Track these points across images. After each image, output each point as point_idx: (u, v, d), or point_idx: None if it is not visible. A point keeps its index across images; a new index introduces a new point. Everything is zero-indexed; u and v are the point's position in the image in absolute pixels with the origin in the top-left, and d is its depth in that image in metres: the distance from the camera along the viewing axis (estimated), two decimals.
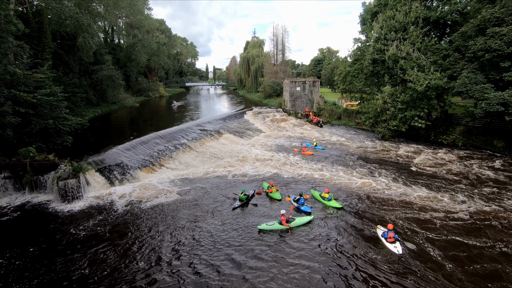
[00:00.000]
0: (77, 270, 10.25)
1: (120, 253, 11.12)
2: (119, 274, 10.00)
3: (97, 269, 10.27)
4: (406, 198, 15.22)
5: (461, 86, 21.56)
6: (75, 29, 34.00)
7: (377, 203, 14.84)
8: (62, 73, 33.51)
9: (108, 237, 12.24)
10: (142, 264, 10.45)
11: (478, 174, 18.39)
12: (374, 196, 15.65)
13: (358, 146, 26.31)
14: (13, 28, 18.68)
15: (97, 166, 17.92)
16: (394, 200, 15.05)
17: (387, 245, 11.20)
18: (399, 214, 13.59)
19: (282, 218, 12.42)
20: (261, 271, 9.98)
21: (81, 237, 12.34)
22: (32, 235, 12.52)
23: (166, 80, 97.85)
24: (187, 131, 27.58)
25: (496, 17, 20.11)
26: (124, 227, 13.07)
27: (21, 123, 17.83)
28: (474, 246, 11.10)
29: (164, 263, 10.49)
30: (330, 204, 14.61)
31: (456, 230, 12.15)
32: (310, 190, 16.38)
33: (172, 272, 10.01)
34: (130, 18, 63.18)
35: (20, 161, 16.49)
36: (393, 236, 11.27)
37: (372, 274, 9.82)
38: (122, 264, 10.50)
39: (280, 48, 67.54)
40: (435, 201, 14.78)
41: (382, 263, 10.37)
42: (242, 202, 15.01)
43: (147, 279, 9.71)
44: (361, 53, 32.96)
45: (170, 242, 11.83)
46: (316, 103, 40.99)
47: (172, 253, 11.05)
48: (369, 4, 34.86)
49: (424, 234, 11.96)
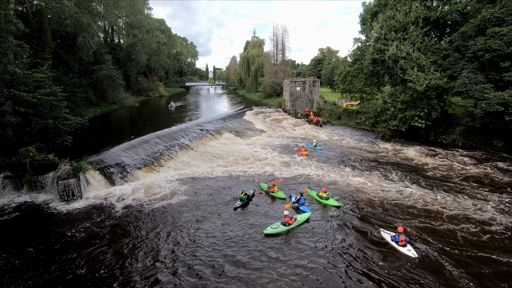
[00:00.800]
0: (76, 270, 10.24)
1: (120, 253, 11.11)
2: (118, 274, 9.99)
3: (97, 269, 10.26)
4: (407, 198, 15.21)
5: (461, 86, 21.56)
6: (75, 29, 34.01)
7: (378, 202, 14.83)
8: (62, 73, 33.52)
9: (108, 237, 12.23)
10: (142, 265, 10.45)
11: (475, 174, 18.42)
12: (375, 196, 15.63)
13: (358, 146, 26.31)
14: (13, 28, 18.68)
15: (97, 165, 17.90)
16: (396, 201, 15.05)
17: (399, 249, 10.83)
18: (401, 215, 13.59)
19: (286, 220, 12.36)
20: (264, 272, 9.95)
21: (80, 237, 12.33)
22: (32, 235, 12.50)
23: (166, 80, 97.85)
24: (187, 131, 27.58)
25: (496, 17, 20.10)
26: (124, 227, 13.06)
27: (21, 122, 17.82)
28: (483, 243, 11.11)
29: (164, 264, 10.49)
30: (328, 203, 14.70)
31: (464, 231, 12.13)
32: (306, 189, 16.50)
33: (172, 273, 10.00)
34: (130, 18, 63.16)
35: (20, 160, 16.47)
36: (404, 239, 10.91)
37: (391, 281, 9.43)
38: (121, 264, 10.49)
39: (280, 48, 67.59)
40: (436, 202, 14.79)
41: (398, 268, 10.00)
42: (243, 201, 15.02)
43: (147, 280, 9.71)
44: (361, 53, 32.95)
45: (170, 242, 11.82)
46: (316, 103, 40.99)
47: (172, 254, 11.04)
48: (369, 4, 34.85)
49: (430, 236, 11.72)
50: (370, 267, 10.11)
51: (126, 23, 64.77)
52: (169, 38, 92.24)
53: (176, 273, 9.94)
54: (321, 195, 15.02)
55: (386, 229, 12.08)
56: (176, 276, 9.82)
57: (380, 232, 11.99)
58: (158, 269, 10.16)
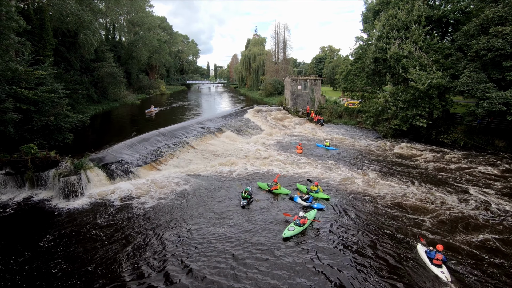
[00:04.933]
0: (77, 266, 10.28)
1: (120, 250, 11.14)
2: (119, 270, 10.02)
3: (98, 265, 10.30)
4: (407, 197, 15.22)
5: (463, 86, 21.49)
6: (76, 26, 33.97)
7: (379, 202, 14.85)
8: (63, 70, 33.54)
9: (108, 234, 12.26)
10: (142, 262, 10.47)
11: (474, 173, 18.39)
12: (375, 196, 15.65)
13: (359, 144, 26.27)
14: (14, 25, 18.67)
15: (98, 163, 17.93)
16: (396, 200, 15.05)
17: (432, 268, 9.53)
18: (408, 215, 13.59)
19: (302, 221, 12.31)
20: (273, 273, 9.99)
21: (81, 234, 12.36)
22: (33, 232, 12.55)
23: (167, 77, 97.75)
24: (188, 129, 27.56)
25: (499, 16, 20.00)
26: (124, 224, 13.09)
27: (23, 119, 17.84)
28: None
29: (164, 261, 10.51)
30: (318, 195, 15.60)
31: None
32: (296, 184, 17.22)
33: (172, 271, 10.03)
34: (131, 15, 63.08)
35: (21, 157, 16.51)
36: (441, 259, 9.53)
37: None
38: (121, 261, 10.52)
39: (282, 46, 67.45)
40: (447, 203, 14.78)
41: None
42: (248, 200, 14.98)
43: (147, 277, 9.74)
44: (362, 51, 32.84)
45: (171, 240, 11.84)
46: (317, 101, 40.92)
47: (173, 252, 11.06)
48: (371, 3, 34.72)
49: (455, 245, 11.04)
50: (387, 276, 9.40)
51: (127, 21, 64.69)
52: (171, 35, 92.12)
53: (176, 271, 9.97)
54: (312, 189, 15.82)
55: (422, 243, 10.77)
56: (177, 274, 9.85)
57: (417, 245, 10.77)
58: (158, 267, 10.19)
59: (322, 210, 14.16)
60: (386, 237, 11.69)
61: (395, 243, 11.27)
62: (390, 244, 11.28)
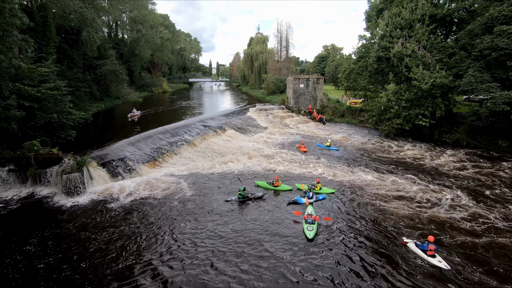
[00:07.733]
0: (79, 262, 10.35)
1: (121, 248, 11.19)
2: (121, 267, 10.08)
3: (99, 262, 10.36)
4: (408, 196, 15.18)
5: (466, 85, 21.32)
6: (79, 24, 34.02)
7: (380, 202, 14.81)
8: (66, 68, 33.66)
9: (110, 231, 12.32)
10: (144, 259, 10.52)
11: (475, 172, 18.31)
12: (376, 195, 15.61)
13: (361, 143, 26.21)
14: (17, 22, 18.67)
15: (100, 160, 18.01)
16: (397, 200, 15.01)
17: (429, 259, 10.07)
18: (408, 216, 13.56)
19: (313, 218, 12.39)
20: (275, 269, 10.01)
21: (83, 230, 12.43)
22: (35, 228, 12.64)
23: (170, 75, 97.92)
24: (190, 127, 27.61)
25: (504, 15, 19.82)
26: (126, 222, 13.14)
27: (26, 116, 17.93)
28: None
29: (166, 259, 10.55)
30: (322, 192, 15.85)
31: None
32: (296, 184, 17.09)
33: (173, 268, 10.07)
34: (134, 13, 63.15)
35: (24, 154, 16.62)
36: (433, 249, 10.07)
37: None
38: (123, 258, 10.57)
39: (284, 44, 67.26)
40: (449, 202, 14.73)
41: (429, 279, 9.37)
42: (238, 199, 14.98)
43: (148, 275, 9.78)
44: (365, 50, 32.64)
45: (172, 237, 11.89)
46: (319, 100, 40.82)
47: (174, 250, 11.10)
48: (374, 1, 34.46)
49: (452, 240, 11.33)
50: (389, 273, 9.61)
51: (130, 18, 64.78)
52: (173, 33, 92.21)
53: (177, 270, 10.00)
54: (315, 185, 16.05)
55: (408, 238, 11.15)
56: (177, 272, 9.89)
57: (407, 243, 10.98)
58: (158, 265, 10.24)
59: (331, 194, 15.37)
60: (386, 236, 11.67)
61: (395, 243, 11.26)
62: (390, 243, 11.28)
